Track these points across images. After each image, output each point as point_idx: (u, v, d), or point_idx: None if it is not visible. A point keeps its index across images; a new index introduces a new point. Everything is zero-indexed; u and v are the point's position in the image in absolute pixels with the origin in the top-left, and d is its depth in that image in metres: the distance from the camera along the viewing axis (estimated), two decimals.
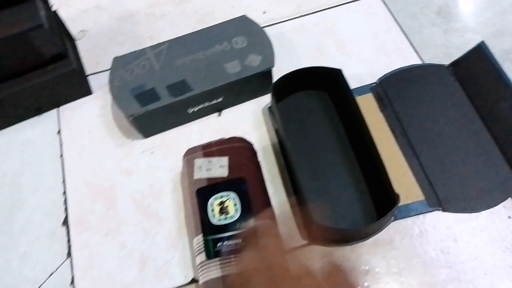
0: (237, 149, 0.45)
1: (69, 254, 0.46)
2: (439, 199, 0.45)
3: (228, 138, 0.46)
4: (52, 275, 0.45)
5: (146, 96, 0.49)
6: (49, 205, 0.49)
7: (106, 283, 0.44)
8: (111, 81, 0.50)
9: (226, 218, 0.41)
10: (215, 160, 0.44)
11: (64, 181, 0.50)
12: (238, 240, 0.40)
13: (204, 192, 0.43)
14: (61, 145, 0.53)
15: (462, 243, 0.44)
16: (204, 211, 0.42)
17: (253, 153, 0.47)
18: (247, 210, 0.41)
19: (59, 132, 0.54)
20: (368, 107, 0.51)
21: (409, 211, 0.45)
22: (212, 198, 0.42)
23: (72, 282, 0.44)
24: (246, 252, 0.38)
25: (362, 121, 0.46)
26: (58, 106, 0.55)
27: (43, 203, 0.49)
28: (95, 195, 0.49)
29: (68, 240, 0.46)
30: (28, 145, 0.53)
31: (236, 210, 0.41)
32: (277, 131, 0.51)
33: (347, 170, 0.47)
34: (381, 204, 0.45)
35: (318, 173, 0.47)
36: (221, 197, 0.42)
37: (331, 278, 0.34)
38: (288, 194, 0.48)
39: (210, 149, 0.45)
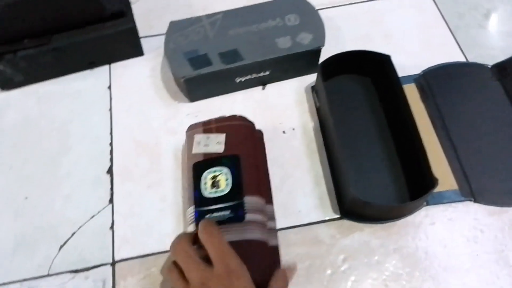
0: (236, 127, 0.47)
1: (111, 201, 0.48)
2: (472, 190, 0.47)
3: (229, 116, 0.48)
4: (93, 218, 0.47)
5: (198, 60, 0.51)
6: (95, 153, 0.51)
7: (144, 231, 0.46)
8: (166, 43, 0.52)
9: (216, 192, 0.43)
10: (213, 136, 0.46)
11: (111, 133, 0.52)
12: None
13: (199, 166, 0.45)
14: (110, 99, 0.55)
15: (490, 235, 0.45)
16: (197, 184, 0.44)
17: (252, 133, 0.48)
18: (237, 186, 0.43)
19: (109, 87, 0.56)
20: (410, 96, 0.52)
21: (442, 198, 0.47)
22: (206, 172, 0.44)
23: (112, 226, 0.47)
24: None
25: (408, 108, 0.47)
26: (110, 63, 0.58)
27: (90, 150, 0.51)
28: (140, 150, 0.51)
29: (111, 188, 0.49)
30: (79, 95, 0.56)
31: (227, 184, 0.43)
32: (318, 110, 0.53)
33: (384, 152, 0.49)
34: (415, 188, 0.46)
35: (356, 152, 0.49)
36: (214, 171, 0.44)
37: None
38: (324, 170, 0.49)
39: (209, 126, 0.47)
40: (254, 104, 0.54)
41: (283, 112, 0.54)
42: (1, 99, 0.55)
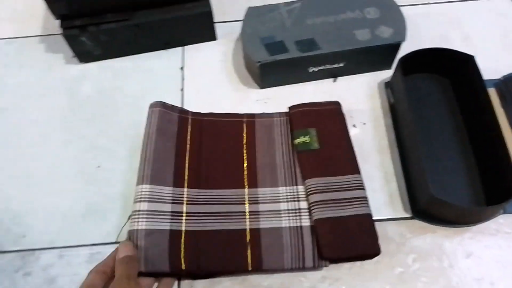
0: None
1: None
2: None
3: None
4: None
5: (275, 46, 0.51)
6: None
7: None
8: (244, 27, 0.53)
9: None
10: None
11: None
12: None
13: None
14: (182, 79, 0.56)
15: None
16: None
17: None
18: None
19: (182, 68, 0.57)
20: None
21: None
22: None
23: None
24: None
25: (492, 111, 0.45)
26: (184, 45, 0.58)
27: None
28: None
29: None
30: (153, 74, 0.57)
31: None
32: (392, 107, 0.51)
33: (461, 155, 0.47)
34: (492, 194, 0.44)
35: (432, 152, 0.47)
36: None
37: None
38: (395, 167, 0.48)
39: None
40: (325, 95, 0.53)
41: (354, 105, 0.53)
42: (79, 71, 0.57)
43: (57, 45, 0.59)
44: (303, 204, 0.45)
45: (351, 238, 0.41)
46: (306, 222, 0.44)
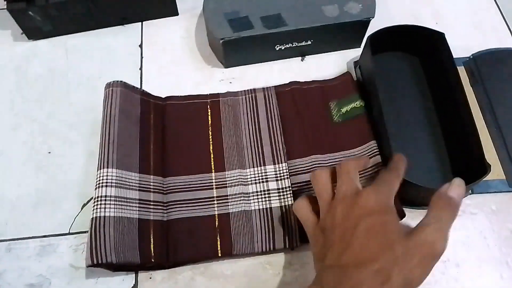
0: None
1: None
2: None
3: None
4: None
5: (239, 22, 0.48)
6: None
7: None
8: (206, 1, 0.49)
9: None
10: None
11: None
12: None
13: None
14: (141, 58, 0.52)
15: None
16: None
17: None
18: None
19: (140, 45, 0.53)
20: None
21: (488, 188, 0.44)
22: None
23: None
24: None
25: (462, 90, 0.44)
26: (143, 21, 0.55)
27: None
28: None
29: None
30: (109, 51, 0.53)
31: None
32: (361, 86, 0.49)
33: (430, 135, 0.46)
34: (460, 175, 0.44)
35: (400, 132, 0.46)
36: None
37: None
38: None
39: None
40: (293, 75, 0.51)
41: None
42: (27, 49, 0.53)
43: (3, 21, 0.54)
44: (272, 185, 0.43)
45: None
46: (275, 203, 0.42)
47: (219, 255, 0.40)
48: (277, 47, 0.50)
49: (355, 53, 0.53)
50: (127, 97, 0.45)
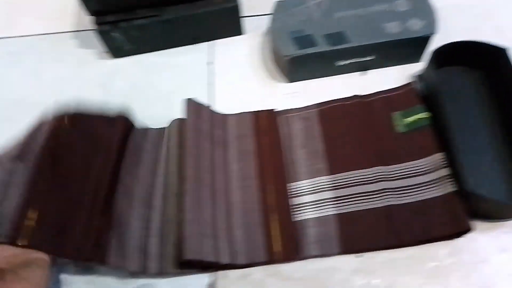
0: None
1: None
2: None
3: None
4: None
5: (303, 40, 0.51)
6: None
7: None
8: (273, 21, 0.53)
9: None
10: None
11: (210, 106, 0.53)
12: None
13: None
14: (210, 74, 0.57)
15: None
16: None
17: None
18: None
19: (210, 63, 0.58)
20: None
21: None
22: None
23: None
24: None
25: None
26: (212, 40, 0.59)
27: None
28: None
29: None
30: (181, 69, 0.57)
31: None
32: (425, 99, 0.50)
33: (497, 149, 0.47)
34: None
35: (466, 146, 0.46)
36: None
37: None
38: None
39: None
40: (354, 89, 0.53)
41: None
42: (111, 66, 0.59)
43: (89, 40, 0.60)
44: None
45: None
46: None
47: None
48: (339, 62, 0.53)
49: (415, 67, 0.54)
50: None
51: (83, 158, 0.46)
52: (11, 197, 0.42)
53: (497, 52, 0.49)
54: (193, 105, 0.49)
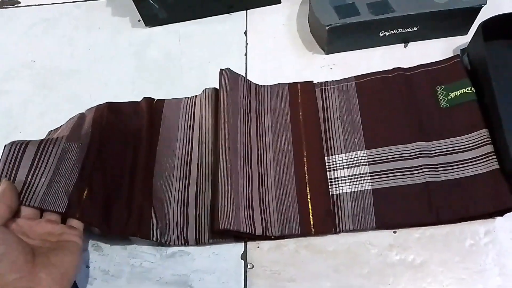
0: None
1: None
2: None
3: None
4: None
5: (345, 9, 0.49)
6: None
7: None
8: None
9: None
10: None
11: (246, 76, 0.53)
12: None
13: None
14: (246, 44, 0.56)
15: None
16: None
17: None
18: None
19: (245, 32, 0.57)
20: None
21: None
22: None
23: None
24: None
25: None
26: (248, 8, 0.58)
27: None
28: None
29: None
30: (217, 38, 0.57)
31: None
32: (471, 74, 0.48)
33: None
34: None
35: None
36: None
37: None
38: None
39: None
40: (395, 62, 0.51)
41: None
42: (145, 35, 0.58)
43: (124, 8, 0.60)
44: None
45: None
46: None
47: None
48: (381, 33, 0.51)
49: (461, 40, 0.52)
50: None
51: (121, 143, 0.48)
52: (68, 172, 0.44)
53: None
54: (228, 75, 0.49)
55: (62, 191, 0.42)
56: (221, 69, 0.49)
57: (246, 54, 0.55)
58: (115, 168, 0.46)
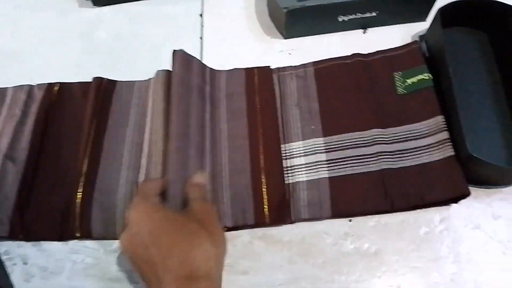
0: None
1: None
2: None
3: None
4: None
5: None
6: None
7: None
8: None
9: None
10: None
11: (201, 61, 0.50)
12: None
13: None
14: (202, 27, 0.53)
15: None
16: None
17: None
18: None
19: (201, 14, 0.54)
20: None
21: None
22: None
23: None
24: None
25: None
26: None
27: None
28: None
29: None
30: (171, 20, 0.54)
31: None
32: (428, 60, 0.48)
33: (499, 113, 0.45)
34: None
35: (468, 110, 0.44)
36: None
37: None
38: None
39: None
40: (353, 47, 0.50)
41: None
42: (94, 15, 0.55)
43: None
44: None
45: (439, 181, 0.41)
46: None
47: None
48: (340, 17, 0.49)
49: (420, 26, 0.51)
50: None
51: (67, 131, 0.46)
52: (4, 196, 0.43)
53: (505, 10, 0.46)
54: (182, 57, 0.46)
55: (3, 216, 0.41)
56: (174, 50, 0.46)
57: (201, 37, 0.52)
58: (59, 165, 0.44)
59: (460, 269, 0.39)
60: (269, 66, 0.49)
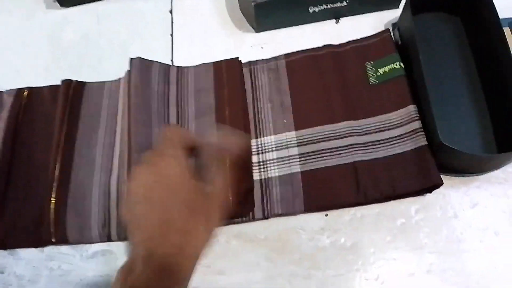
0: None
1: None
2: None
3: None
4: None
5: None
6: None
7: None
8: None
9: None
10: None
11: (172, 59, 0.50)
12: None
13: None
14: (172, 23, 0.52)
15: None
16: None
17: None
18: None
19: (171, 11, 0.53)
20: None
21: None
22: None
23: None
24: None
25: (506, 52, 0.41)
26: None
27: None
28: None
29: None
30: (139, 17, 0.53)
31: None
32: (400, 49, 0.47)
33: (471, 100, 0.44)
34: (503, 141, 0.42)
35: (440, 97, 0.44)
36: None
37: None
38: None
39: None
40: (326, 38, 0.49)
41: None
42: (60, 16, 0.53)
43: None
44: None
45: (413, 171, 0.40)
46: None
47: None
48: (311, 8, 0.48)
49: (392, 14, 0.50)
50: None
51: (41, 135, 0.46)
52: None
53: None
54: (139, 66, 0.45)
55: None
56: (131, 58, 0.45)
57: (171, 34, 0.51)
58: (31, 171, 0.44)
59: (437, 259, 0.39)
60: (237, 58, 0.48)
